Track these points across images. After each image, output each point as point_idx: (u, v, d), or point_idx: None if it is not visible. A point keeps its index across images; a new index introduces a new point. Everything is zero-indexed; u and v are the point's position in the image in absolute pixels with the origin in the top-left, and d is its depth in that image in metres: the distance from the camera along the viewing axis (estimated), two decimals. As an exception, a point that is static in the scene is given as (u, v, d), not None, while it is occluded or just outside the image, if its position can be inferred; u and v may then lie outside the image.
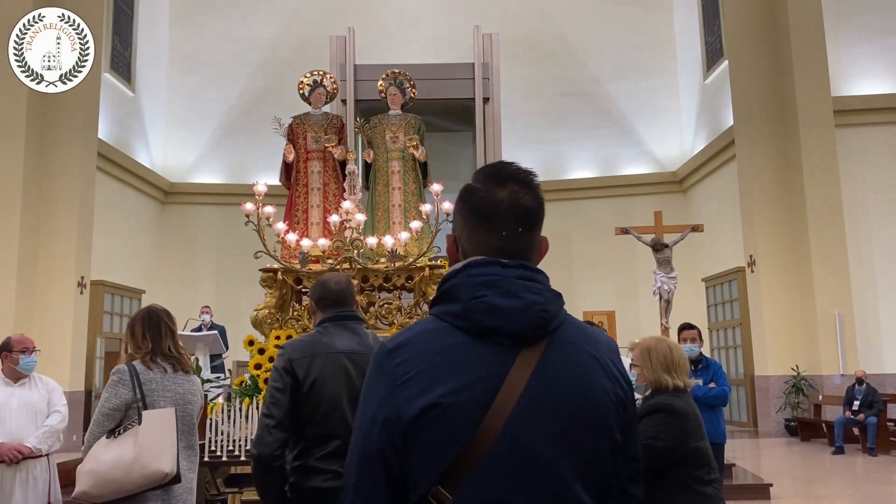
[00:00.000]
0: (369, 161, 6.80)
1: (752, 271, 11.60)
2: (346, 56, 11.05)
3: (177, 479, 2.74)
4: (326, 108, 7.05)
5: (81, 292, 11.16)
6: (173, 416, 2.79)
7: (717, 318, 13.65)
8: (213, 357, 8.23)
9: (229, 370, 8.81)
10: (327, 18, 14.44)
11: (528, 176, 1.33)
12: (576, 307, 13.71)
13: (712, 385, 4.72)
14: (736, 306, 12.82)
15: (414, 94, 7.13)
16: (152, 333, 2.89)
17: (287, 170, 6.33)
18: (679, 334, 5.10)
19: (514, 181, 1.31)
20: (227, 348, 8.94)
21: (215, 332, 8.28)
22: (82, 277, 11.14)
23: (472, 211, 1.31)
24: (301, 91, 6.53)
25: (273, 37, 15.31)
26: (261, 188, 4.92)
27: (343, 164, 6.10)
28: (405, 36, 14.80)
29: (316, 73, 6.63)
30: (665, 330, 8.75)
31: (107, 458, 2.66)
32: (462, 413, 1.19)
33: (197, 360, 5.42)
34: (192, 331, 8.31)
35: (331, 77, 6.70)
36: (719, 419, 4.65)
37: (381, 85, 7.16)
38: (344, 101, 10.13)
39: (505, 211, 1.29)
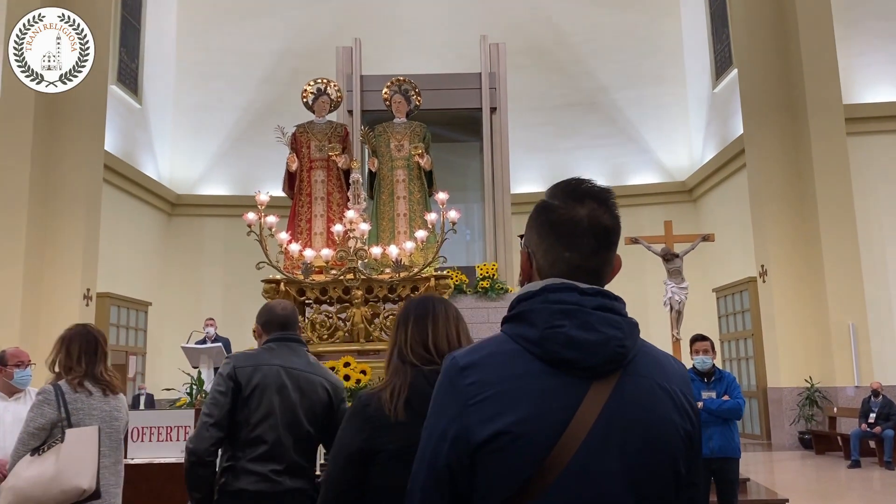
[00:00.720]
0: (374, 170, 6.71)
1: (764, 281, 11.44)
2: (353, 67, 10.99)
3: (96, 494, 2.79)
4: (331, 117, 6.96)
5: (87, 304, 11.11)
6: (96, 434, 2.85)
7: (728, 328, 13.48)
8: (217, 370, 8.10)
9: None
10: (334, 30, 14.43)
11: (607, 194, 1.33)
12: (585, 318, 13.55)
13: (726, 398, 4.59)
14: (748, 317, 12.65)
15: (419, 101, 7.05)
16: (88, 357, 2.92)
17: (290, 179, 6.24)
18: (691, 346, 4.98)
19: (593, 199, 1.31)
20: (231, 361, 8.81)
21: (219, 344, 8.16)
22: (88, 289, 11.10)
23: (550, 228, 1.30)
24: (305, 99, 6.45)
25: (280, 49, 15.31)
26: (263, 198, 4.83)
27: (347, 173, 6.01)
28: (412, 46, 14.76)
29: (320, 80, 6.56)
30: (676, 341, 8.60)
31: (28, 476, 2.73)
32: (531, 443, 1.19)
33: (199, 372, 5.31)
34: (196, 343, 8.19)
35: (335, 85, 6.62)
36: (733, 433, 4.53)
37: (385, 93, 7.07)
38: (350, 112, 10.05)
39: (584, 229, 1.29)
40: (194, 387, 5.14)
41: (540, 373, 1.22)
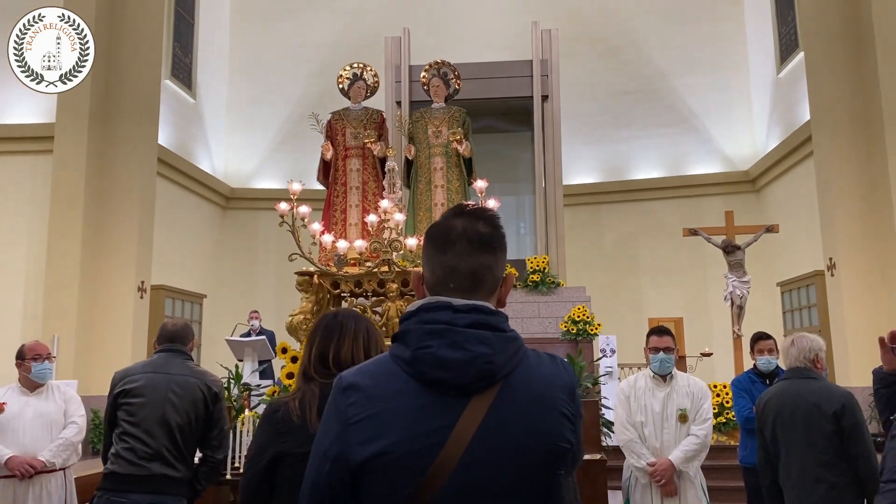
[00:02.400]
0: (410, 158, 6.49)
1: (832, 275, 10.84)
2: (402, 57, 10.85)
3: None
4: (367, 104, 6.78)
5: (142, 297, 11.24)
6: None
7: (793, 325, 12.88)
8: (262, 362, 8.08)
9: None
10: (385, 20, 14.28)
11: (484, 210, 1.38)
12: (642, 314, 13.17)
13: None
14: (814, 312, 12.05)
15: (458, 85, 6.80)
16: None
17: (325, 168, 6.09)
18: (753, 345, 4.70)
19: (470, 214, 1.36)
20: (275, 354, 8.81)
21: (263, 337, 8.14)
22: (142, 282, 11.22)
23: (430, 241, 1.35)
24: (340, 85, 6.28)
25: (332, 41, 15.25)
26: (296, 186, 4.69)
27: (383, 161, 5.82)
28: (462, 35, 14.51)
29: (356, 65, 6.37)
30: (737, 338, 8.19)
31: None
32: (408, 465, 1.20)
33: (237, 366, 5.21)
34: (240, 336, 8.19)
35: (371, 70, 6.42)
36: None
37: (423, 77, 6.86)
38: (399, 103, 9.91)
39: (458, 234, 1.32)
40: (231, 381, 5.04)
41: (416, 393, 1.22)
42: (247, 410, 3.97)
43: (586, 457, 3.28)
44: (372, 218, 4.67)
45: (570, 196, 12.73)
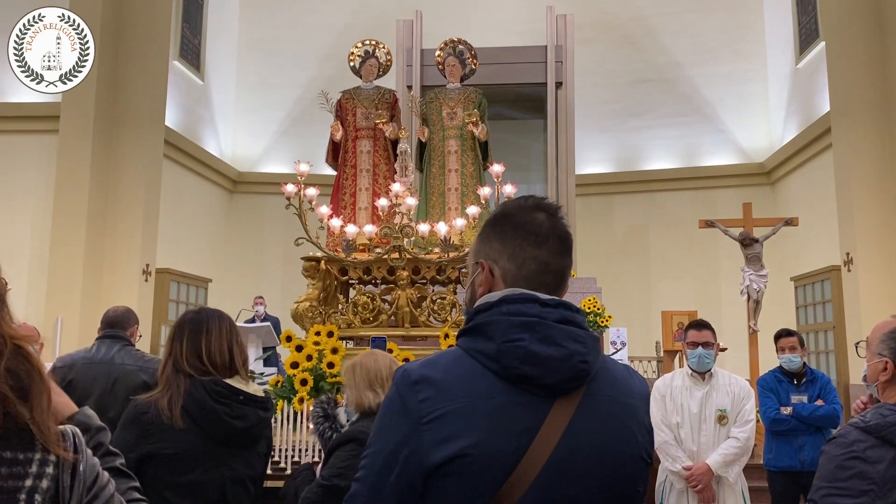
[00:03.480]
0: (424, 140, 6.28)
1: (849, 270, 10.63)
2: (413, 40, 10.64)
3: None
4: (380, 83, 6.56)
5: (146, 279, 11.11)
6: None
7: (807, 320, 12.68)
8: (266, 349, 7.95)
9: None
10: (397, 3, 14.03)
11: (558, 206, 1.33)
12: (653, 307, 12.98)
13: (820, 403, 4.06)
14: (828, 308, 11.85)
15: (475, 65, 6.58)
16: None
17: (334, 149, 5.89)
18: (776, 342, 4.47)
19: (546, 209, 1.30)
20: (280, 341, 8.67)
21: (268, 323, 7.99)
22: (147, 265, 11.09)
23: (515, 231, 1.26)
24: (351, 62, 6.07)
25: (342, 23, 15.03)
26: (303, 168, 4.52)
27: (395, 143, 5.62)
28: (475, 19, 14.26)
29: (368, 42, 6.16)
30: (753, 333, 8.00)
31: None
32: (490, 467, 1.11)
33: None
34: (245, 322, 8.04)
35: (384, 47, 6.20)
36: (828, 443, 4.01)
37: (438, 55, 6.63)
38: (410, 88, 9.71)
39: (548, 230, 1.26)
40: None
41: (498, 391, 1.14)
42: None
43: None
44: (383, 202, 4.49)
45: (581, 186, 12.53)
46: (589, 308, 9.30)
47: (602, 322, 9.29)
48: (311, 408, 2.78)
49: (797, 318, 12.75)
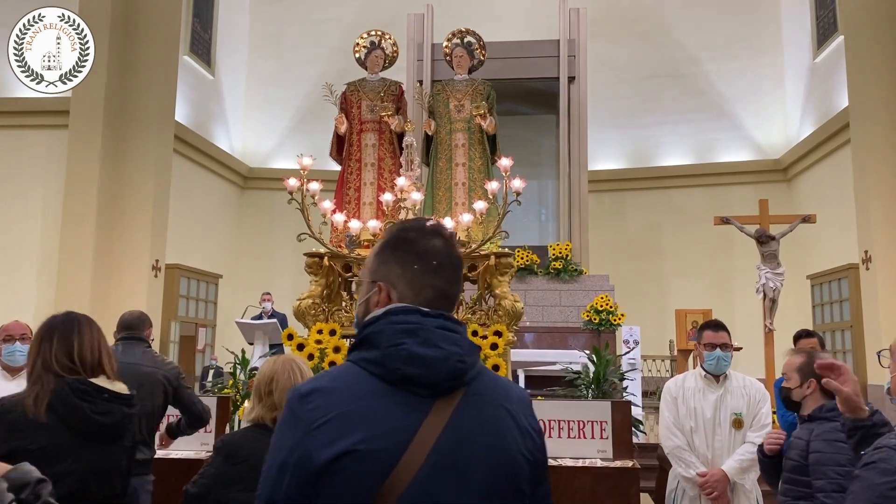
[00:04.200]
0: (430, 133, 6.13)
1: (868, 268, 10.43)
2: (424, 35, 10.51)
3: None
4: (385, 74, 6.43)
5: (156, 275, 11.07)
6: None
7: (823, 319, 12.49)
8: (273, 346, 7.88)
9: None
10: (408, -2, 13.93)
11: (451, 232, 1.41)
12: (666, 305, 12.81)
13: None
14: (846, 307, 11.66)
15: (483, 56, 6.44)
16: None
17: (339, 143, 5.78)
18: (795, 343, 4.30)
19: (441, 235, 1.37)
20: (287, 338, 8.58)
21: (275, 320, 7.91)
22: (157, 260, 11.05)
23: (415, 258, 1.33)
24: (357, 54, 5.96)
25: (353, 18, 14.93)
26: (306, 161, 4.43)
27: (401, 136, 5.50)
28: (487, 14, 14.11)
29: (374, 33, 6.05)
30: (769, 332, 7.84)
31: None
32: (374, 463, 1.18)
33: (243, 351, 4.98)
34: (252, 318, 7.96)
35: (390, 38, 6.09)
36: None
37: (445, 46, 6.50)
38: (420, 82, 9.58)
39: (445, 259, 1.34)
40: (238, 367, 4.80)
41: (382, 393, 1.22)
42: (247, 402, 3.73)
43: (617, 464, 2.98)
44: (387, 197, 4.37)
45: (594, 182, 12.38)
46: (601, 306, 9.16)
47: (614, 320, 9.16)
48: None
49: (813, 317, 12.56)
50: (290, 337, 4.35)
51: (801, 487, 2.79)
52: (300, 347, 4.15)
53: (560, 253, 9.96)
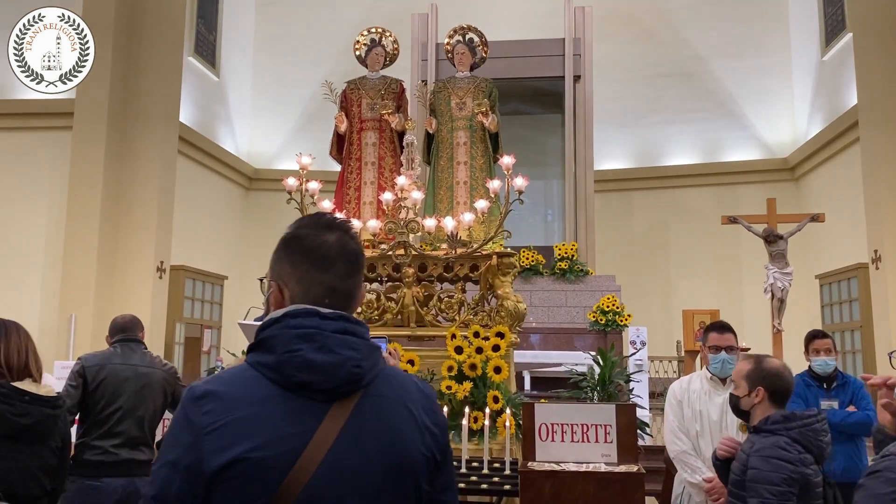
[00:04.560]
0: (431, 131, 6.06)
1: (878, 268, 10.31)
2: (429, 35, 10.47)
3: None
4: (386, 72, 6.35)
5: (160, 277, 11.05)
6: None
7: (832, 319, 12.37)
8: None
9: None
10: (413, -2, 13.88)
11: (349, 224, 1.41)
12: (673, 305, 12.73)
13: (852, 409, 3.81)
14: (855, 307, 11.54)
15: (485, 53, 6.37)
16: None
17: (339, 141, 5.72)
18: (808, 344, 4.19)
19: (338, 228, 1.37)
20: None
21: (278, 322, 7.86)
22: (161, 262, 11.03)
23: (304, 255, 1.34)
24: (357, 52, 5.90)
25: (359, 19, 14.87)
26: (305, 160, 4.37)
27: (401, 135, 5.43)
28: (492, 14, 14.04)
29: (374, 30, 5.99)
30: (777, 333, 7.75)
31: None
32: (268, 468, 1.18)
33: (243, 352, 4.92)
34: (255, 319, 7.91)
35: (390, 36, 6.03)
36: (861, 452, 3.73)
37: (447, 43, 6.43)
38: (425, 82, 9.53)
39: (337, 253, 1.33)
40: (238, 368, 4.73)
41: (277, 398, 1.21)
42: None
43: (622, 468, 2.92)
44: (387, 196, 4.32)
45: (600, 182, 12.30)
46: (607, 307, 9.08)
47: (621, 321, 9.08)
48: None
49: (822, 318, 12.44)
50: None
51: (740, 502, 2.64)
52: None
53: (566, 253, 9.89)
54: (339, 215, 1.41)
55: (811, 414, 2.73)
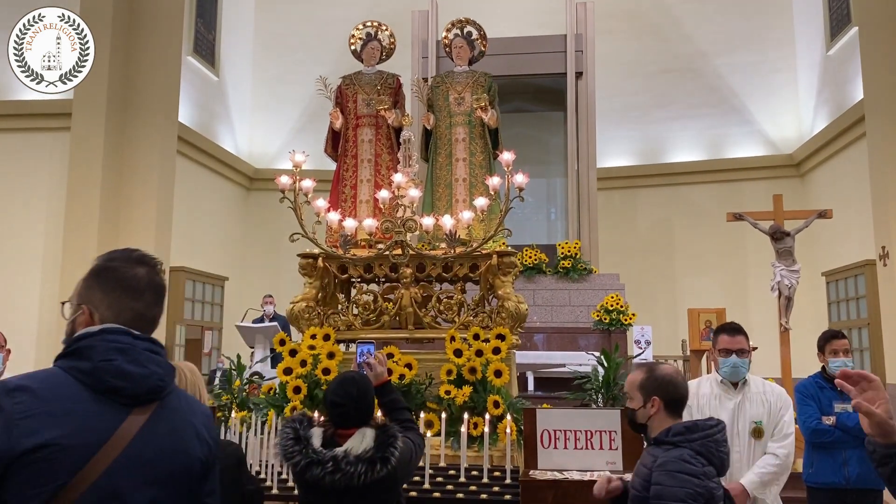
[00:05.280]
0: (429, 127, 5.92)
1: (885, 265, 10.18)
2: (429, 32, 10.37)
3: None
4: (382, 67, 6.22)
5: (160, 278, 10.96)
6: None
7: (839, 317, 12.24)
8: (274, 350, 7.71)
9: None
10: (413, -4, 13.76)
11: (156, 260, 1.69)
12: (679, 304, 12.60)
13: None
14: (862, 304, 11.41)
15: (484, 47, 6.22)
16: None
17: (334, 138, 5.60)
18: (825, 344, 4.03)
19: (147, 264, 1.65)
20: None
21: (275, 323, 7.75)
22: (161, 263, 10.93)
23: (116, 284, 1.58)
24: (352, 46, 5.78)
25: (359, 17, 14.71)
26: (298, 157, 4.26)
27: (398, 131, 5.31)
28: (493, 10, 13.92)
29: (370, 24, 5.87)
30: (785, 331, 7.62)
31: None
32: (69, 456, 1.36)
33: (238, 356, 4.81)
34: (253, 321, 7.81)
35: (387, 29, 5.90)
36: (875, 456, 3.61)
37: (445, 37, 6.29)
38: (426, 80, 9.42)
39: (146, 284, 1.61)
40: (233, 372, 4.63)
41: (87, 399, 1.42)
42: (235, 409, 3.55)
43: (628, 477, 2.79)
44: (384, 194, 4.20)
45: (603, 179, 12.18)
46: (612, 306, 8.97)
47: (625, 320, 8.96)
48: (281, 426, 2.49)
49: (829, 315, 12.30)
50: (283, 342, 4.18)
51: None
52: (293, 353, 3.98)
53: (569, 252, 9.77)
54: (148, 252, 1.62)
55: (712, 424, 2.52)
